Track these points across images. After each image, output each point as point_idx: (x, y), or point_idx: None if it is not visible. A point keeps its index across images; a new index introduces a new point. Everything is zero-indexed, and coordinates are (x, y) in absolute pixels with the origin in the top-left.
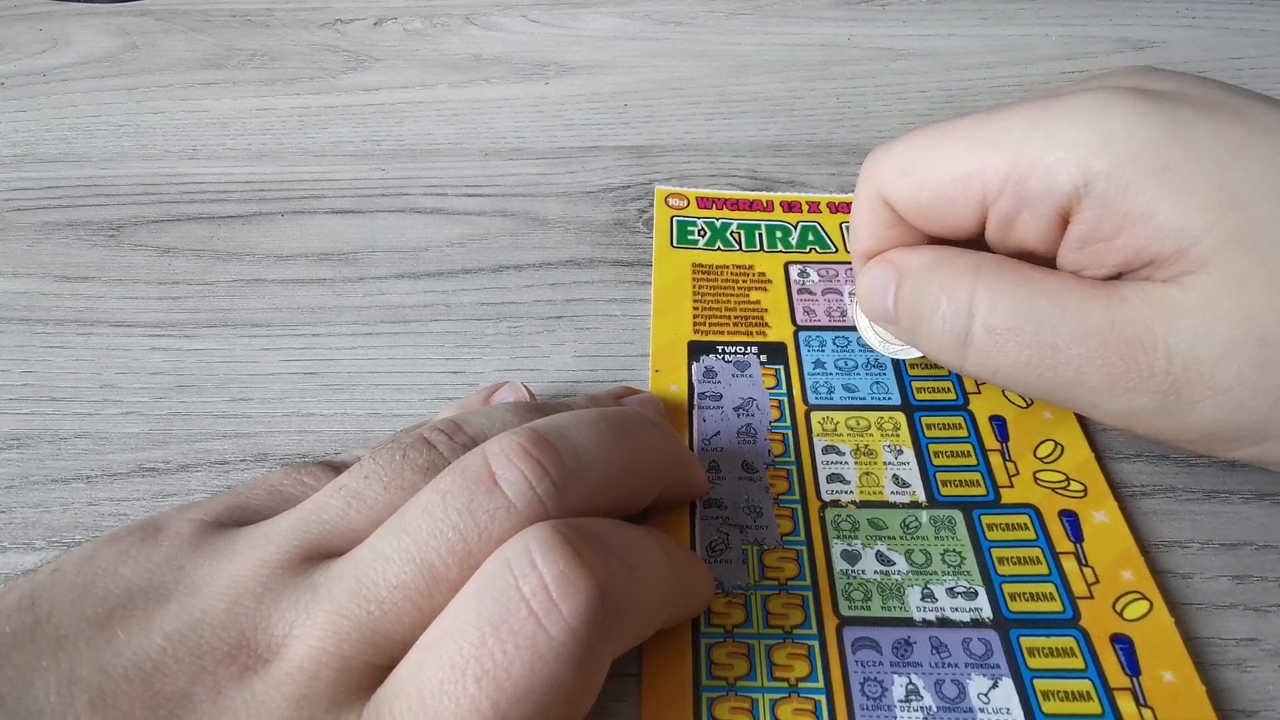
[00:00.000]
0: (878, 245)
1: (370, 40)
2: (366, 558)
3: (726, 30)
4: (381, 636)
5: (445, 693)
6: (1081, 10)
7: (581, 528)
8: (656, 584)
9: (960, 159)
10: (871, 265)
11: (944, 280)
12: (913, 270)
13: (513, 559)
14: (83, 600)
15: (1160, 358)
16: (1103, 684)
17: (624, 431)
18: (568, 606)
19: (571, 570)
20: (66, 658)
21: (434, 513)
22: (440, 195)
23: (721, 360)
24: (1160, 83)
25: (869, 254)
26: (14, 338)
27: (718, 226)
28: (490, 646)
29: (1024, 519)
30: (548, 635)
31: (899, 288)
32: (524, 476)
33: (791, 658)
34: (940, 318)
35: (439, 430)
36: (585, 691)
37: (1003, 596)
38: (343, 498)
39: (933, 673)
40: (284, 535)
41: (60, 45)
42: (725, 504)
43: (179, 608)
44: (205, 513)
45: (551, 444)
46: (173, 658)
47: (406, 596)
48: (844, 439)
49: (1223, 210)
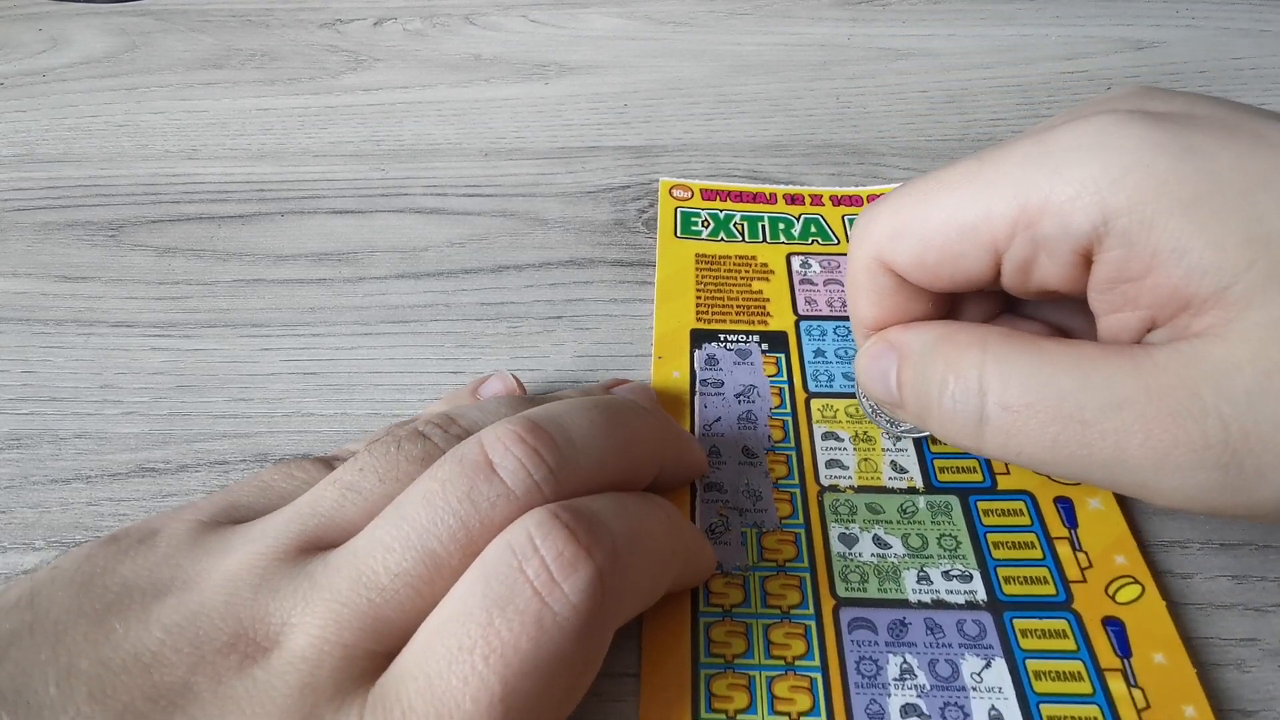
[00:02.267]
0: (883, 314)
1: (370, 40)
2: (366, 546)
3: (726, 30)
4: (383, 624)
5: (454, 672)
6: (1081, 10)
7: (578, 510)
8: (657, 553)
9: (960, 210)
10: (868, 348)
11: (949, 357)
12: (914, 350)
13: (515, 543)
14: (81, 597)
15: (1213, 426)
16: (1094, 665)
17: (616, 417)
18: (569, 584)
19: (570, 551)
20: (65, 651)
21: (434, 500)
22: (440, 195)
23: (723, 348)
24: (1163, 104)
25: (875, 324)
26: (14, 338)
27: (721, 218)
28: (497, 625)
29: (1019, 505)
30: (552, 612)
31: (901, 370)
32: (521, 463)
33: (788, 637)
34: (950, 398)
35: (433, 424)
36: (589, 664)
37: (997, 579)
38: (338, 490)
39: (927, 652)
40: (279, 529)
41: (60, 45)
42: (725, 487)
43: (176, 601)
44: (200, 513)
45: (546, 431)
46: (171, 648)
47: (408, 584)
48: (843, 425)
49: (1261, 245)
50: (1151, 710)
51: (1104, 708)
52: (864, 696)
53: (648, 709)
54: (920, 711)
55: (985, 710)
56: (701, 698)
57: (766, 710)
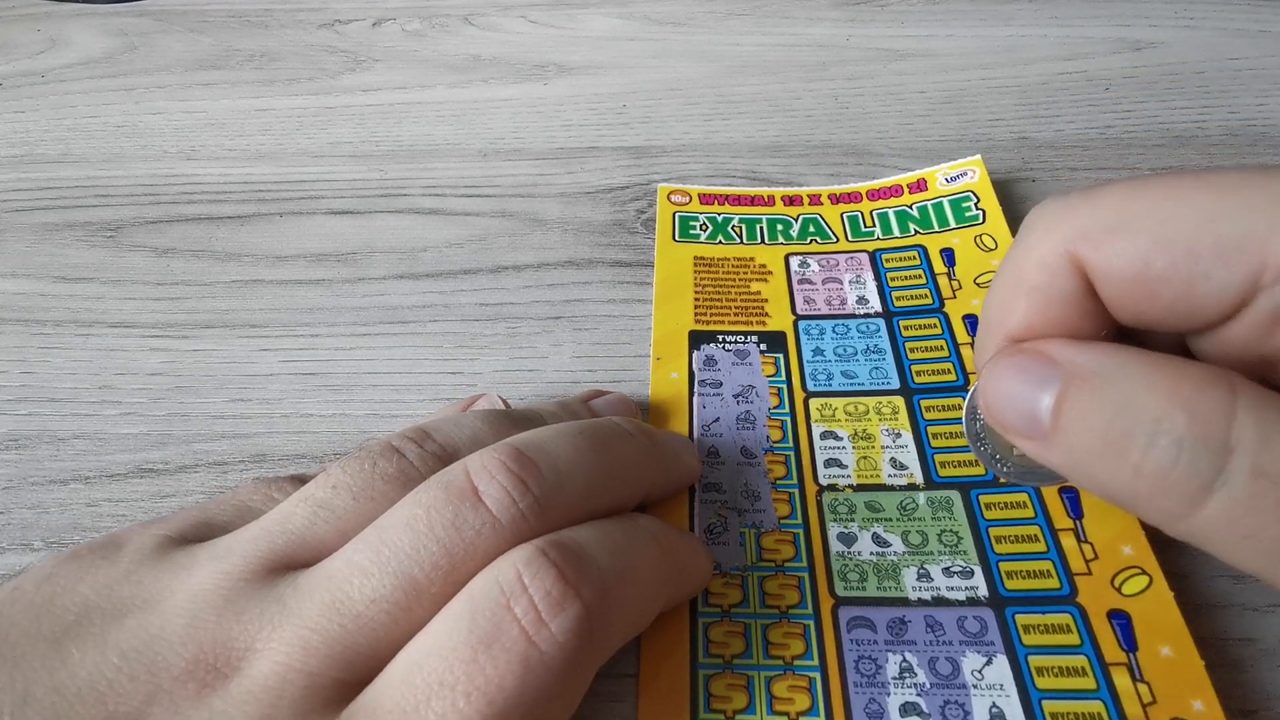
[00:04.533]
0: (1038, 327)
1: (369, 41)
2: (341, 570)
3: (725, 31)
4: (353, 652)
5: (432, 708)
6: (1079, 11)
7: (566, 547)
8: (646, 584)
9: (1228, 217)
10: (1012, 359)
11: (1173, 390)
12: (1099, 373)
13: (503, 580)
14: (39, 619)
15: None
16: (1098, 659)
17: (600, 442)
18: (557, 624)
19: (558, 590)
20: (22, 678)
21: (417, 526)
22: (439, 196)
23: (722, 349)
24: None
25: (1024, 334)
26: (12, 338)
27: (719, 221)
28: (482, 663)
29: (1023, 497)
30: (539, 651)
31: (1068, 394)
32: (506, 492)
33: (787, 636)
34: (1168, 443)
35: (408, 439)
36: (571, 699)
37: (999, 575)
38: (309, 507)
39: (927, 650)
40: (247, 546)
41: (59, 46)
42: (724, 488)
43: (135, 624)
44: (168, 528)
45: (531, 459)
46: (128, 676)
47: (384, 610)
48: (842, 424)
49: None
50: (1158, 705)
51: (1108, 703)
52: (863, 696)
53: (647, 709)
54: (920, 710)
55: (986, 708)
56: (700, 698)
57: (765, 710)
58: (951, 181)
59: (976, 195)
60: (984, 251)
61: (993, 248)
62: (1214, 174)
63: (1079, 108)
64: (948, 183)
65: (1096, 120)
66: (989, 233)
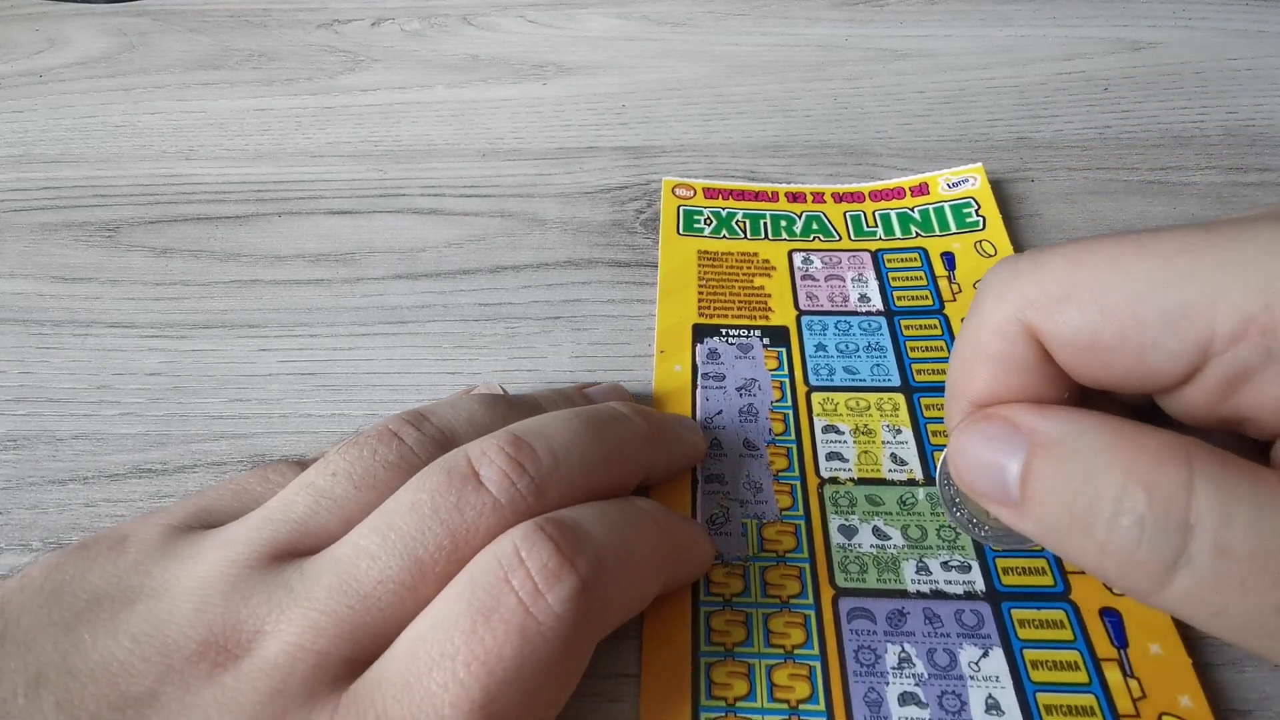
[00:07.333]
0: (1000, 394)
1: (368, 41)
2: (348, 555)
3: (724, 31)
4: (361, 631)
5: (434, 678)
6: (1078, 11)
7: (563, 522)
8: (644, 561)
9: (1172, 285)
10: (979, 426)
11: (1130, 464)
12: (1062, 442)
13: (501, 555)
14: (50, 606)
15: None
16: (1090, 655)
17: (596, 425)
18: (553, 595)
19: (555, 562)
20: (34, 660)
21: (422, 510)
22: (438, 196)
23: (725, 342)
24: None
25: (986, 400)
26: (11, 339)
27: (723, 215)
28: (481, 633)
29: None
30: (536, 621)
31: (1033, 465)
32: (505, 474)
33: (788, 626)
34: (1130, 524)
35: (405, 422)
36: (570, 674)
37: (995, 570)
38: (310, 495)
39: (925, 642)
40: (251, 534)
41: (57, 45)
42: (726, 479)
43: (145, 609)
44: (171, 518)
45: (529, 443)
46: (139, 657)
47: (391, 590)
48: (843, 419)
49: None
50: (1147, 700)
51: (1100, 697)
52: (862, 685)
53: (649, 698)
54: (918, 699)
55: (982, 698)
56: (701, 686)
57: (766, 698)
58: (953, 187)
59: (977, 201)
60: (984, 257)
61: (992, 254)
62: (1155, 237)
63: (1078, 108)
64: (949, 188)
65: (1095, 120)
66: (989, 239)
